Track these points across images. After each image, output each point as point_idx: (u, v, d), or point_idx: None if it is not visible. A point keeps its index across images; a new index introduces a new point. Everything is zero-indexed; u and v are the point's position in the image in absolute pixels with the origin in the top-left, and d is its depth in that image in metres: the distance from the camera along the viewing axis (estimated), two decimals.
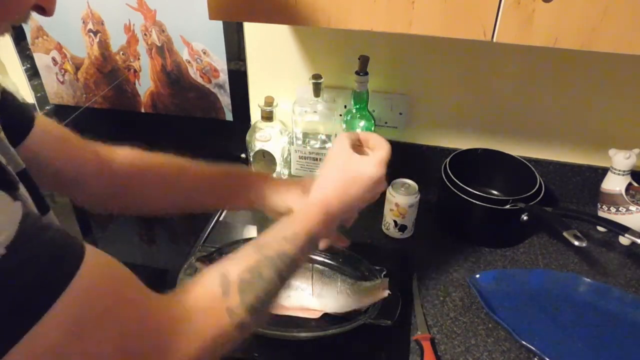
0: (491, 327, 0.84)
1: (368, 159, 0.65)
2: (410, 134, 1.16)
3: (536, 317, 0.85)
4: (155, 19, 1.12)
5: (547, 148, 1.10)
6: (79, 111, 1.31)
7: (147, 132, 1.31)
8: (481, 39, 0.68)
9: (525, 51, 1.00)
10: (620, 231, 0.90)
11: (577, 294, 0.90)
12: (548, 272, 0.94)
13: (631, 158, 0.97)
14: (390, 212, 1.00)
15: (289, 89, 1.15)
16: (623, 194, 0.98)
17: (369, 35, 1.04)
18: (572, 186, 1.12)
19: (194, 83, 1.19)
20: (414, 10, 0.68)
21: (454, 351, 0.80)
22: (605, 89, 1.01)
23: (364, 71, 1.01)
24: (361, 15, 0.70)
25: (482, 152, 1.08)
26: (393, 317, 0.80)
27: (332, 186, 0.63)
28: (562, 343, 0.80)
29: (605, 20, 0.63)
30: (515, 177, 1.04)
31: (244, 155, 1.24)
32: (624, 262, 0.98)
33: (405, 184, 1.00)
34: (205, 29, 1.11)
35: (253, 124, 1.17)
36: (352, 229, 1.04)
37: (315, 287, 0.84)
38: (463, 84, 1.07)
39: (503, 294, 0.88)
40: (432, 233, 1.04)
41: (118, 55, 1.20)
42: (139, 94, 1.25)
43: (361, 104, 1.06)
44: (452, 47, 1.03)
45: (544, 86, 1.03)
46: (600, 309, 0.87)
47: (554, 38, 0.66)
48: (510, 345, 0.81)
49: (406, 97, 1.11)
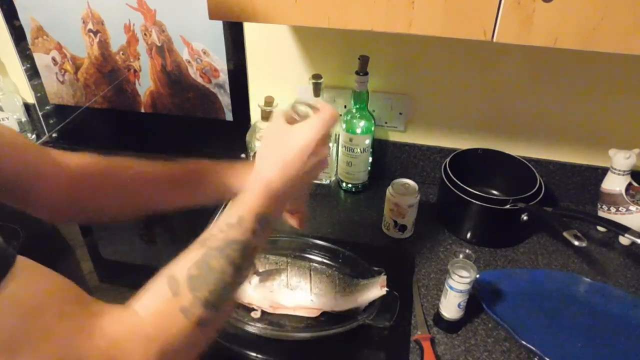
0: (491, 327, 0.84)
1: (302, 125, 0.60)
2: (410, 134, 1.16)
3: (536, 317, 0.85)
4: (155, 19, 1.12)
5: (547, 148, 1.10)
6: (79, 111, 1.31)
7: (147, 132, 1.31)
8: (481, 39, 0.68)
9: (525, 51, 1.00)
10: (620, 231, 0.90)
11: (577, 294, 0.90)
12: (548, 272, 0.94)
13: (631, 158, 0.97)
14: (390, 212, 1.00)
15: (289, 89, 1.15)
16: (623, 194, 0.98)
17: (369, 35, 1.04)
18: (572, 186, 1.12)
19: (194, 83, 1.19)
20: (414, 10, 0.68)
21: (454, 351, 0.80)
22: (606, 89, 1.01)
23: (364, 71, 1.01)
24: (361, 15, 0.70)
25: (482, 152, 1.08)
26: (392, 317, 0.80)
27: (270, 162, 0.59)
28: (562, 343, 0.80)
29: (605, 20, 0.63)
30: (515, 177, 1.04)
31: (244, 155, 1.24)
32: (624, 262, 0.98)
33: (405, 184, 1.00)
34: (205, 29, 1.11)
35: (253, 124, 1.17)
36: (352, 229, 1.05)
37: (314, 286, 0.84)
38: (463, 84, 1.07)
39: (503, 294, 0.88)
40: (432, 233, 1.04)
41: (118, 55, 1.20)
42: (139, 94, 1.25)
43: (361, 104, 1.06)
44: (452, 47, 1.03)
45: (544, 86, 1.03)
46: (600, 309, 0.87)
47: (554, 38, 0.66)
48: (510, 345, 0.81)
49: (406, 97, 1.11)
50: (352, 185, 1.15)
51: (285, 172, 0.58)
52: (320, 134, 0.59)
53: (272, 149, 0.61)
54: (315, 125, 0.59)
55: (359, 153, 1.09)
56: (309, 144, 0.58)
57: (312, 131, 0.59)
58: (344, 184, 1.16)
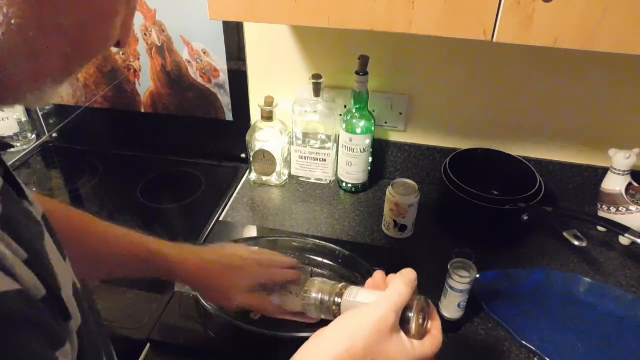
0: (491, 327, 0.84)
1: (409, 351, 0.51)
2: (410, 134, 1.16)
3: (536, 317, 0.85)
4: (155, 19, 1.12)
5: (547, 148, 1.10)
6: (79, 111, 1.31)
7: (147, 132, 1.31)
8: (481, 39, 0.68)
9: (525, 51, 1.00)
10: (620, 231, 0.90)
11: (577, 293, 0.90)
12: (548, 272, 0.94)
13: (631, 158, 0.97)
14: (390, 212, 1.00)
15: (289, 89, 1.15)
16: (623, 194, 0.98)
17: (369, 35, 1.04)
18: (572, 186, 1.12)
19: (194, 83, 1.19)
20: (414, 10, 0.68)
21: (454, 351, 0.79)
22: (605, 89, 1.01)
23: (364, 71, 1.01)
24: (361, 15, 0.70)
25: (482, 152, 1.08)
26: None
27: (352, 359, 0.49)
28: (562, 343, 0.80)
29: (605, 20, 0.63)
30: (515, 177, 1.04)
31: (244, 155, 1.25)
32: (624, 262, 0.98)
33: (405, 184, 1.00)
34: (205, 29, 1.11)
35: (253, 124, 1.17)
36: (352, 229, 1.05)
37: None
38: (463, 84, 1.07)
39: (503, 294, 0.88)
40: (432, 233, 1.04)
41: (118, 55, 1.20)
42: (139, 94, 1.25)
43: (361, 104, 1.06)
44: (452, 47, 1.03)
45: (543, 86, 1.03)
46: (600, 309, 0.87)
47: (554, 38, 0.66)
48: (510, 345, 0.81)
49: (406, 97, 1.11)
50: (352, 185, 1.15)
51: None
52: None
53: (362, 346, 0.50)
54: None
55: (359, 153, 1.09)
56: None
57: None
58: (344, 184, 1.16)
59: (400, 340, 0.51)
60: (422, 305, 0.54)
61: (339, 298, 0.58)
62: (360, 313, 0.52)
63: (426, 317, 0.54)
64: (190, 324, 0.83)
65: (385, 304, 0.51)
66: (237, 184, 1.19)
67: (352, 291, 0.58)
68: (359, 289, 0.58)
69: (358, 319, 0.52)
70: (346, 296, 0.58)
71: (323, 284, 0.61)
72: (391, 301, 0.51)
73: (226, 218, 1.08)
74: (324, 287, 0.60)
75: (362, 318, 0.51)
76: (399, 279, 0.54)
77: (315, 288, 0.61)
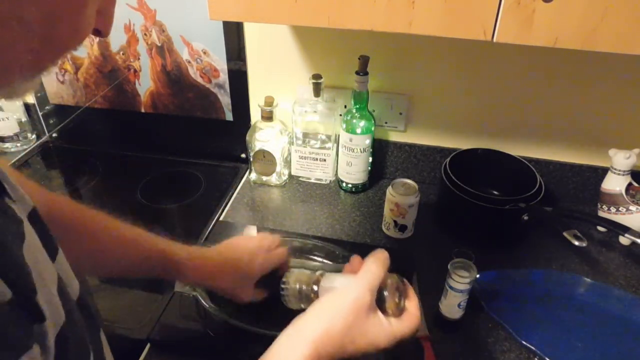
0: (491, 327, 0.84)
1: (387, 329, 0.53)
2: (410, 134, 1.16)
3: (536, 317, 0.85)
4: (155, 19, 1.12)
5: (547, 148, 1.10)
6: (79, 111, 1.31)
7: (147, 132, 1.31)
8: (481, 39, 0.68)
9: (525, 51, 1.00)
10: (620, 231, 0.89)
11: (577, 294, 0.90)
12: (548, 272, 0.94)
13: (631, 158, 0.97)
14: (390, 212, 1.00)
15: (289, 89, 1.15)
16: (623, 194, 0.98)
17: (369, 35, 1.04)
18: (572, 186, 1.12)
19: (194, 83, 1.19)
20: (414, 10, 0.68)
21: (454, 351, 0.80)
22: (605, 89, 1.01)
23: (364, 71, 1.01)
24: (361, 15, 0.70)
25: (482, 152, 1.08)
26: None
27: (331, 340, 0.51)
28: (562, 343, 0.80)
29: (605, 20, 0.63)
30: (515, 177, 1.04)
31: (244, 155, 1.25)
32: (624, 262, 0.98)
33: (405, 184, 1.00)
34: (205, 29, 1.11)
35: (253, 124, 1.17)
36: (352, 229, 1.04)
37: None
38: (463, 84, 1.07)
39: (503, 294, 0.88)
40: (432, 233, 1.04)
41: (118, 55, 1.20)
42: (139, 93, 1.25)
43: (361, 104, 1.06)
44: (452, 47, 1.03)
45: (543, 86, 1.03)
46: (600, 309, 0.87)
47: (554, 38, 0.66)
48: (510, 345, 0.81)
49: (406, 97, 1.11)
50: (352, 185, 1.15)
51: (338, 351, 0.51)
52: (396, 342, 0.53)
53: (340, 326, 0.51)
54: (401, 336, 0.53)
55: (359, 153, 1.09)
56: (379, 348, 0.52)
57: (393, 340, 0.52)
58: (344, 184, 1.16)
59: (378, 319, 0.53)
60: (397, 284, 0.55)
61: (317, 286, 0.59)
62: (336, 295, 0.54)
63: (401, 295, 0.56)
64: (190, 324, 0.83)
65: (359, 284, 0.53)
66: (237, 184, 1.19)
67: (328, 277, 0.59)
68: (336, 275, 0.60)
69: (335, 301, 0.53)
70: (323, 282, 0.59)
71: (300, 274, 0.62)
72: (365, 281, 0.53)
73: (226, 218, 1.08)
74: (301, 277, 0.62)
75: (338, 300, 0.53)
76: (371, 260, 0.56)
77: (293, 278, 0.62)
